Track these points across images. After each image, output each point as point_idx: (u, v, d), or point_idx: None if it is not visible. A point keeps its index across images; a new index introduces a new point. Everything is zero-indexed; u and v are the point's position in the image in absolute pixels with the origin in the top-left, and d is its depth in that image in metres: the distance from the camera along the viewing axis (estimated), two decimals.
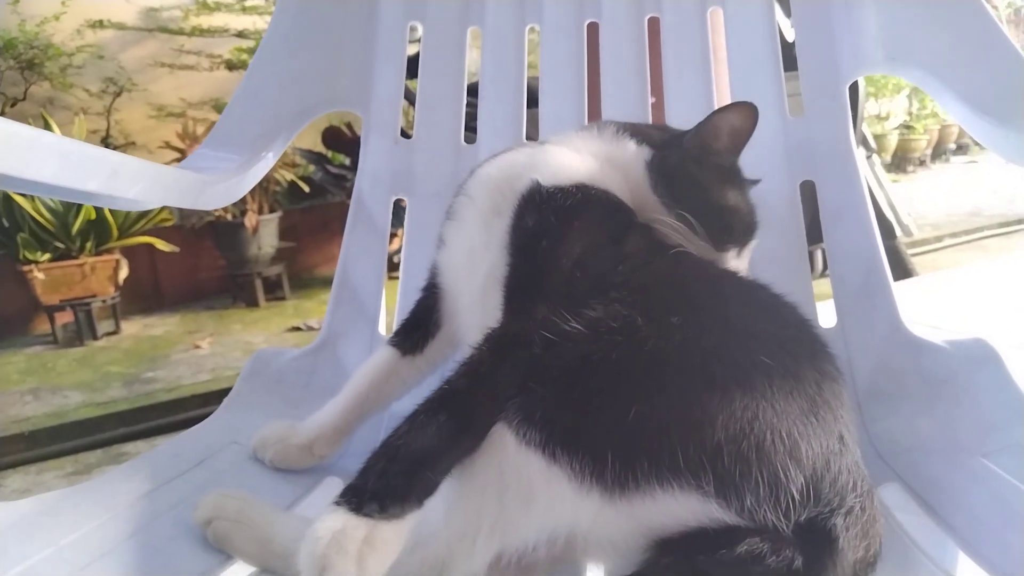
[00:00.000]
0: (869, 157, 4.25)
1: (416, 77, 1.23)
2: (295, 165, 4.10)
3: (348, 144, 4.02)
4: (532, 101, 1.22)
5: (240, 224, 3.78)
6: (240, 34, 4.22)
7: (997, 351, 0.86)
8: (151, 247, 3.62)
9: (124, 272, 3.56)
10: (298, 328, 3.47)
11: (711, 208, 0.80)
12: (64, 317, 3.48)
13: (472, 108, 1.22)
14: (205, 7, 4.15)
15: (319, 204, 4.30)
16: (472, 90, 1.23)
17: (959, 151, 8.36)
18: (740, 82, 1.13)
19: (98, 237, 3.46)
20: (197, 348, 3.29)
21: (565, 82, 1.20)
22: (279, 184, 4.02)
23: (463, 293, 0.83)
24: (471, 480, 0.62)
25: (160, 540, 0.68)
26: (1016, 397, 0.81)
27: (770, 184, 0.85)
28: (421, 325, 0.90)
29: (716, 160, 0.83)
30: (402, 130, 1.22)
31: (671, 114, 1.16)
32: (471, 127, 1.21)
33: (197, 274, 4.13)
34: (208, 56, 4.20)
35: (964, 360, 0.89)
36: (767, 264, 1.03)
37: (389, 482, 0.60)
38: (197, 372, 2.98)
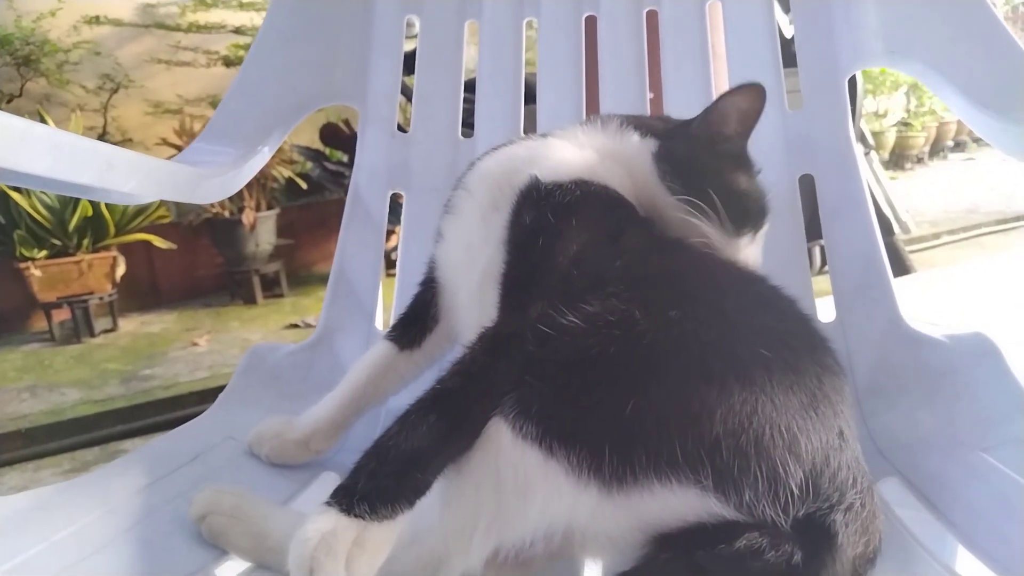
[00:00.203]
0: (867, 154, 4.24)
1: (413, 73, 1.22)
2: (293, 162, 4.09)
3: (346, 141, 4.01)
4: (529, 97, 1.21)
5: (238, 221, 3.77)
6: (237, 30, 4.21)
7: (997, 345, 0.86)
8: (148, 244, 3.61)
9: (121, 269, 3.55)
10: (296, 325, 3.46)
11: (725, 193, 0.79)
12: (61, 314, 3.47)
13: (469, 105, 1.22)
14: (202, 3, 4.13)
15: (317, 201, 4.30)
16: (469, 87, 1.22)
17: (957, 148, 8.37)
18: (739, 76, 1.13)
19: (95, 234, 3.45)
20: (195, 345, 3.28)
21: (563, 76, 1.19)
22: (277, 181, 4.01)
23: (461, 288, 0.83)
24: (467, 475, 0.62)
25: (155, 535, 0.68)
26: (1016, 391, 0.81)
27: (769, 177, 0.85)
28: (418, 320, 0.90)
29: (726, 145, 0.82)
30: (399, 125, 1.22)
31: (670, 109, 1.15)
32: (468, 123, 1.20)
33: (195, 271, 4.12)
34: (205, 52, 4.19)
35: (964, 354, 0.88)
36: (766, 258, 1.02)
37: (379, 483, 0.59)
38: (195, 369, 2.98)
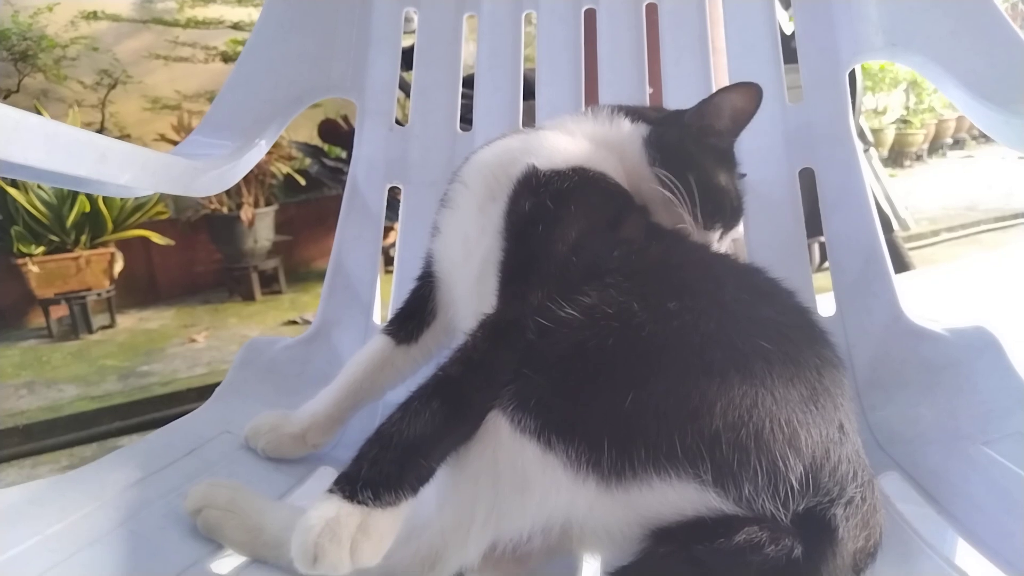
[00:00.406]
0: (866, 151, 4.23)
1: (411, 69, 1.22)
2: (291, 158, 4.08)
3: (345, 137, 3.99)
4: (528, 93, 1.20)
5: (236, 217, 3.76)
6: (235, 26, 4.19)
7: (997, 339, 0.86)
8: (146, 240, 3.60)
9: (119, 265, 3.55)
10: (294, 322, 3.46)
11: (703, 186, 0.80)
12: (59, 311, 3.46)
13: (467, 101, 1.21)
14: None
15: (315, 197, 4.28)
16: (467, 82, 1.21)
17: (956, 146, 8.35)
18: (739, 70, 1.12)
19: (93, 230, 3.44)
20: (193, 342, 3.28)
21: (562, 70, 1.19)
22: (275, 177, 4.00)
23: (458, 281, 0.83)
24: (465, 469, 0.62)
25: (149, 529, 0.67)
26: (1017, 385, 0.81)
27: (769, 171, 0.85)
28: (416, 314, 0.89)
29: (714, 140, 0.84)
30: (396, 119, 1.21)
31: (669, 103, 1.14)
32: (466, 119, 1.20)
33: (193, 268, 4.11)
34: (203, 48, 4.18)
35: (964, 348, 0.88)
36: (765, 251, 1.03)
37: (383, 469, 0.59)
38: (193, 366, 2.97)
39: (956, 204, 5.26)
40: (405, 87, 1.27)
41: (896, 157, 7.43)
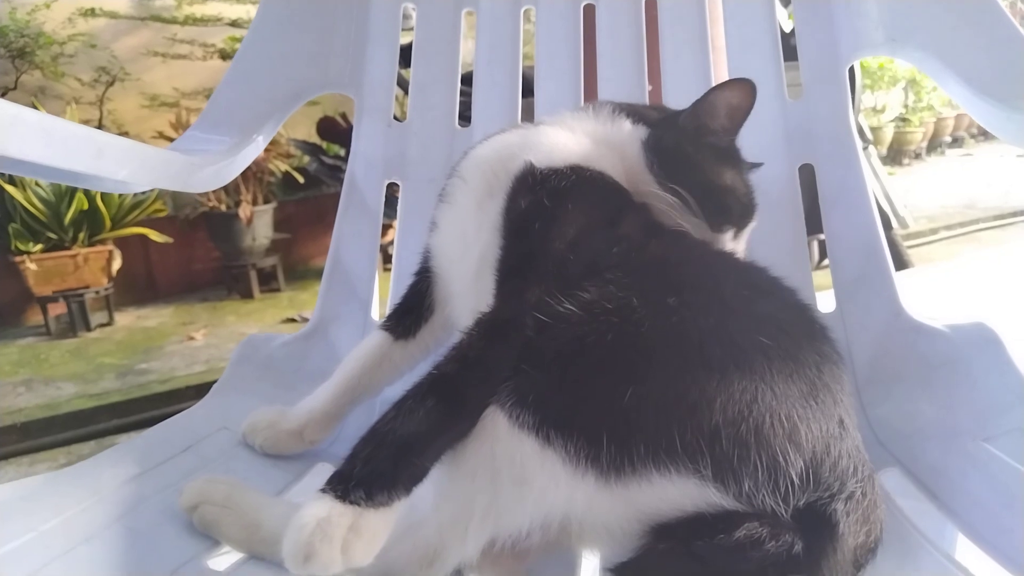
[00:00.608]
0: (865, 149, 4.23)
1: (408, 66, 1.21)
2: (290, 156, 4.08)
3: (343, 135, 3.98)
4: (527, 90, 1.20)
5: (234, 215, 3.76)
6: (234, 23, 4.19)
7: (998, 335, 0.85)
8: (144, 238, 3.60)
9: (117, 263, 3.54)
10: (293, 320, 3.46)
11: (706, 188, 0.79)
12: (57, 308, 3.46)
13: (466, 97, 1.21)
14: None
15: (314, 195, 4.28)
16: (466, 80, 1.21)
17: (954, 144, 8.35)
18: (738, 66, 1.12)
19: (91, 228, 3.44)
20: (191, 340, 3.27)
21: (561, 66, 1.18)
22: (273, 175, 3.99)
23: (456, 277, 0.82)
24: (463, 464, 0.61)
25: (145, 525, 0.67)
26: (1017, 381, 0.80)
27: (769, 167, 0.84)
28: (414, 309, 0.89)
29: (713, 139, 0.82)
30: (394, 116, 1.20)
31: (668, 100, 1.13)
32: (465, 116, 1.19)
33: (191, 265, 4.10)
34: (202, 45, 4.17)
35: (965, 344, 0.87)
36: (765, 248, 1.02)
37: (376, 468, 0.58)
38: (191, 364, 2.97)
39: (955, 202, 5.27)
40: (403, 84, 1.26)
41: (895, 155, 7.44)
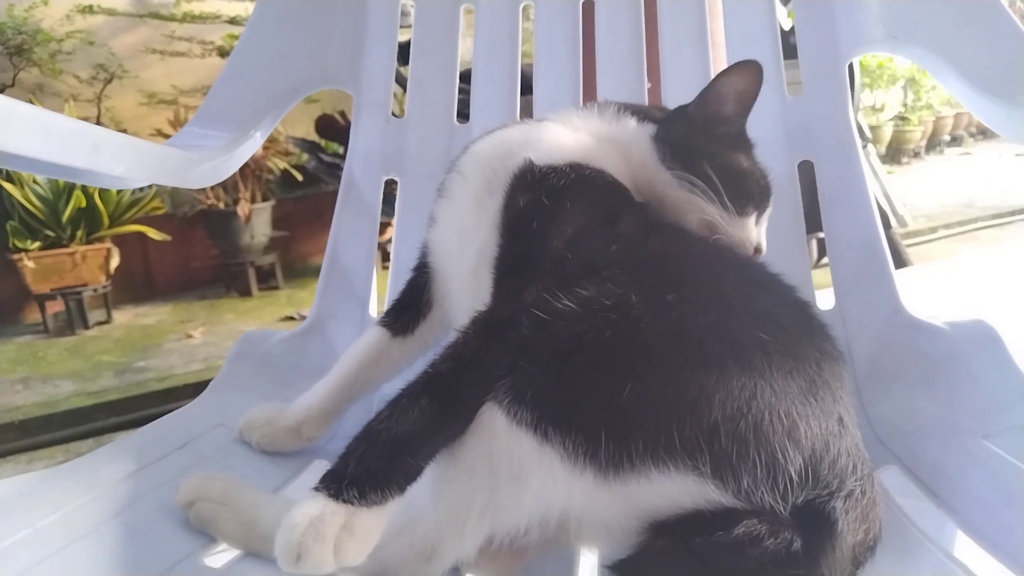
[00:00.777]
0: (864, 147, 4.22)
1: (407, 64, 1.21)
2: (288, 153, 4.07)
3: (342, 133, 3.97)
4: (526, 88, 1.19)
5: (232, 213, 3.75)
6: (232, 20, 4.18)
7: (997, 332, 0.85)
8: (143, 236, 3.59)
9: (115, 261, 3.54)
10: (291, 318, 3.45)
11: (725, 174, 0.78)
12: (55, 306, 3.45)
13: (465, 95, 1.20)
14: None
15: (313, 193, 4.27)
16: (464, 78, 1.20)
17: (953, 143, 8.36)
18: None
19: (89, 225, 3.43)
20: (189, 338, 3.27)
21: (560, 63, 1.18)
22: (272, 173, 3.98)
23: (454, 273, 0.82)
24: (460, 461, 0.61)
25: (142, 522, 0.66)
26: (1017, 378, 0.80)
27: (768, 163, 0.84)
28: (411, 305, 0.89)
29: (724, 127, 0.82)
30: (392, 112, 1.20)
31: (668, 97, 1.14)
32: (464, 114, 1.19)
33: (189, 263, 4.10)
34: (200, 43, 4.16)
35: (964, 341, 0.87)
36: (764, 245, 1.02)
37: (369, 467, 0.58)
38: (189, 362, 2.96)
39: (953, 201, 5.27)
40: (402, 81, 1.26)
41: (894, 154, 7.44)
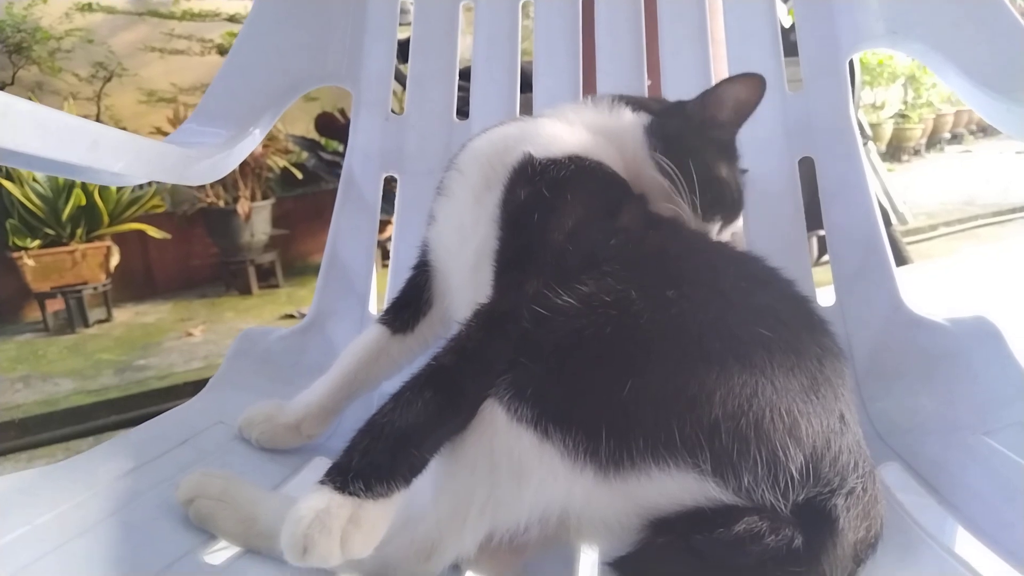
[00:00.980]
0: (865, 145, 4.22)
1: (406, 61, 1.20)
2: (288, 152, 4.06)
3: (341, 131, 3.97)
4: (525, 85, 1.19)
5: (232, 211, 3.75)
6: (232, 18, 4.17)
7: (998, 329, 0.85)
8: (142, 234, 3.59)
9: (115, 259, 3.53)
10: (291, 316, 3.45)
11: (704, 176, 0.79)
12: (55, 304, 3.45)
13: (464, 93, 1.20)
14: None
15: (312, 191, 4.27)
16: (464, 75, 1.20)
17: (953, 141, 8.36)
18: (738, 59, 1.11)
19: (89, 223, 3.42)
20: (189, 336, 3.27)
21: (560, 61, 1.18)
22: (272, 171, 3.98)
23: (454, 270, 0.82)
24: (461, 458, 0.61)
25: (141, 519, 0.66)
26: (1017, 375, 0.80)
27: (769, 160, 0.84)
28: (411, 303, 0.89)
29: (716, 132, 0.83)
30: (392, 109, 1.20)
31: (668, 95, 1.13)
32: (463, 111, 1.19)
33: (189, 261, 4.09)
34: (199, 41, 4.16)
35: (965, 338, 0.87)
36: (764, 242, 1.02)
37: (374, 460, 0.58)
38: (189, 360, 2.96)
39: (954, 199, 5.27)
40: (401, 79, 1.26)
41: (894, 152, 7.43)
